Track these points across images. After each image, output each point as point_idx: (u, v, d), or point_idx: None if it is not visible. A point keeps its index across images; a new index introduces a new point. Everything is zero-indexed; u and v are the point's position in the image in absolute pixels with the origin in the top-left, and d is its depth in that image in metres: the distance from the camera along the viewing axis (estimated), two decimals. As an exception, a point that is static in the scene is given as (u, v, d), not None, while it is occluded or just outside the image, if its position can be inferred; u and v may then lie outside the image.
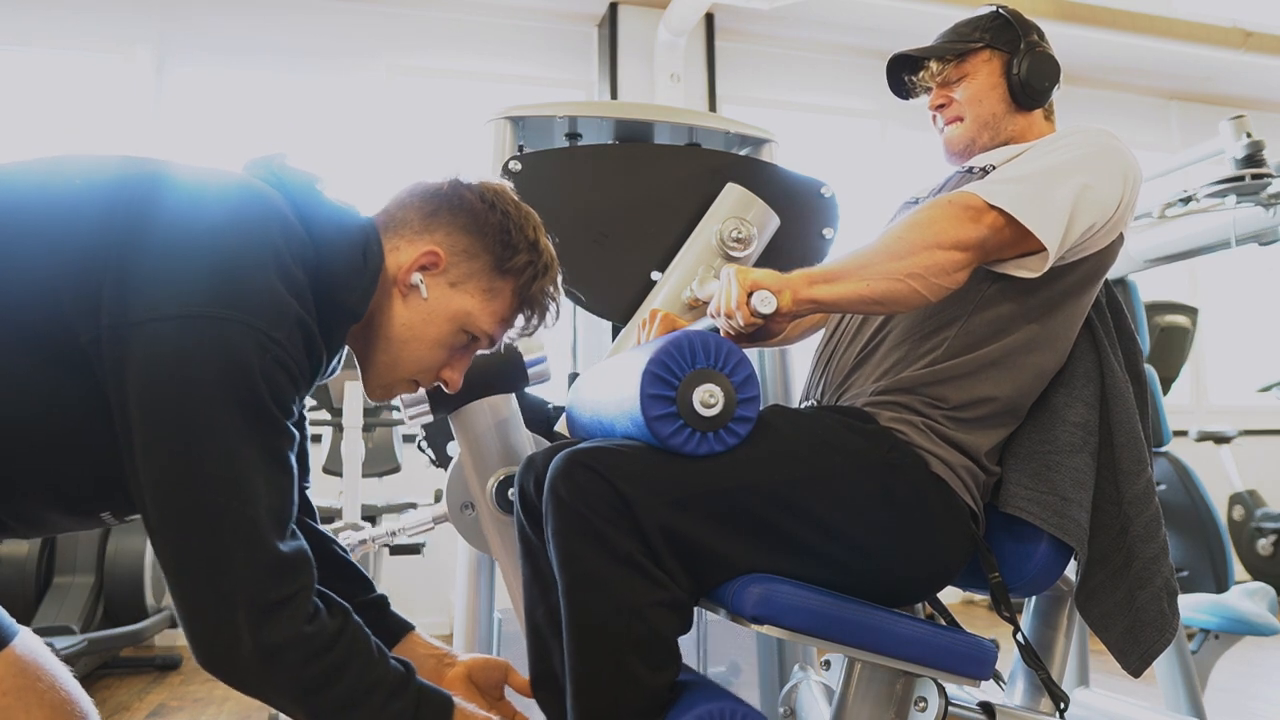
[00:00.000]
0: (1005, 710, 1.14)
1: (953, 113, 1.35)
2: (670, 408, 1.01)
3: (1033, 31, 1.35)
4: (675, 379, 1.01)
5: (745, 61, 4.57)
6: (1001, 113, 1.33)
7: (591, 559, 0.98)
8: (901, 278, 1.08)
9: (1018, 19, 1.35)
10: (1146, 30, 4.29)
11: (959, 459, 1.14)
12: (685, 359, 1.02)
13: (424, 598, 3.82)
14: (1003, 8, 1.37)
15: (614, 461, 1.00)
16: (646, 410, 1.01)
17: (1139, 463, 1.20)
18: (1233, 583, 2.23)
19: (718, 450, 1.03)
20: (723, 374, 1.03)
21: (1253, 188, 1.89)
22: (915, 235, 1.10)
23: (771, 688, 1.67)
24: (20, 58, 3.86)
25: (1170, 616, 1.18)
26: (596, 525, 0.97)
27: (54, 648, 0.98)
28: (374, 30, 4.16)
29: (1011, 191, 1.11)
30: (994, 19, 1.35)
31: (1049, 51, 1.34)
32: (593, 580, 0.98)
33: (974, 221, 1.10)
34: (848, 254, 1.13)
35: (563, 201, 1.53)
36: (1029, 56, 1.31)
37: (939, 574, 1.14)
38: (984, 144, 1.33)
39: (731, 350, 1.04)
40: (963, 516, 1.13)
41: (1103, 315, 1.25)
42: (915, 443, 1.13)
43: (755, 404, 1.05)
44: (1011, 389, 1.17)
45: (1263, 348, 5.37)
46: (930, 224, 1.10)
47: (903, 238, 1.10)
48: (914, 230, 1.10)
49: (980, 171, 1.25)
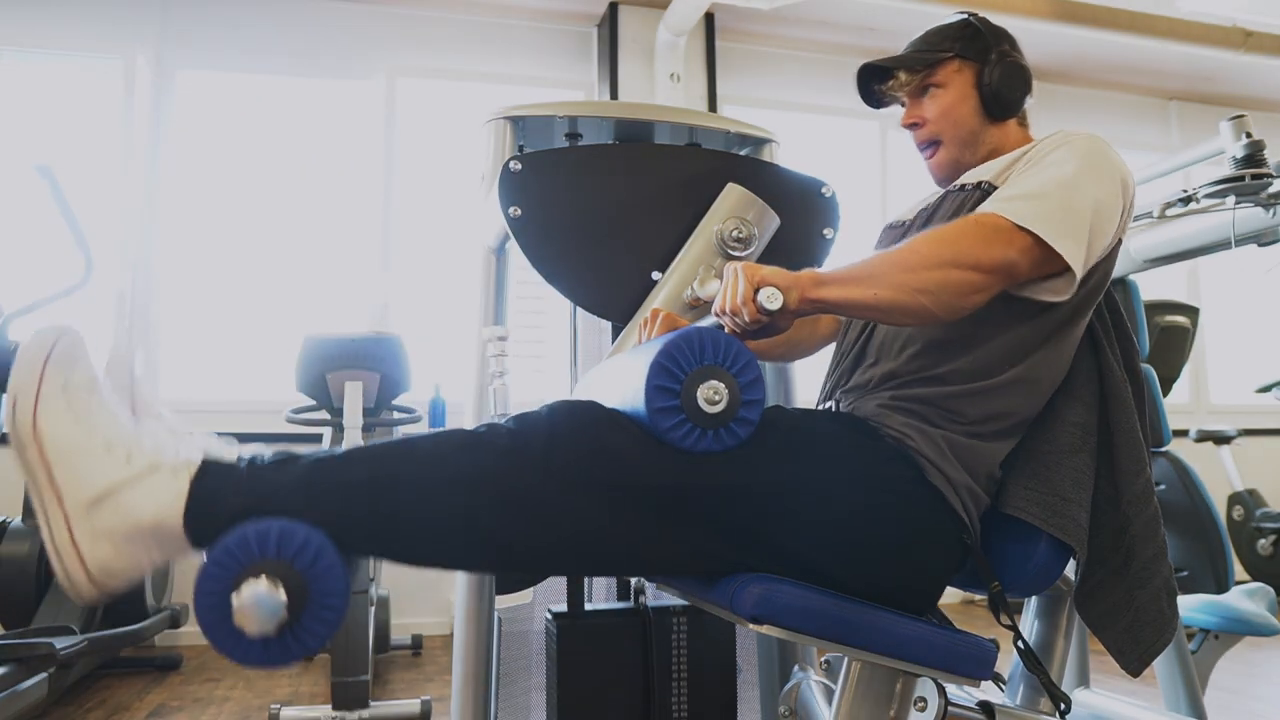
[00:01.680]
0: (1005, 710, 1.14)
1: (927, 134, 1.34)
2: (674, 401, 1.01)
3: (1004, 40, 1.33)
4: (681, 373, 1.01)
5: (745, 61, 4.57)
6: (977, 126, 1.32)
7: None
8: (911, 291, 1.06)
9: (988, 27, 1.33)
10: (1146, 30, 4.29)
11: (962, 477, 1.13)
12: (693, 354, 1.02)
13: (424, 598, 3.82)
14: (973, 15, 1.35)
15: (620, 421, 1.02)
16: (650, 402, 1.00)
17: (1138, 462, 1.20)
18: (1233, 583, 2.22)
19: (716, 449, 1.02)
20: (729, 372, 1.02)
21: (1253, 188, 1.88)
22: (933, 250, 1.08)
23: (771, 688, 1.67)
24: (20, 58, 3.86)
25: (1170, 616, 1.18)
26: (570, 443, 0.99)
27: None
28: (374, 31, 4.16)
29: (1035, 211, 1.09)
30: (964, 28, 1.33)
31: (1020, 61, 1.32)
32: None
33: (1003, 244, 1.08)
34: (862, 259, 1.12)
35: (563, 201, 1.53)
36: (1000, 66, 1.30)
37: (929, 587, 1.13)
38: (969, 162, 1.33)
39: (740, 349, 1.03)
40: (954, 529, 1.12)
41: (1101, 315, 1.25)
42: (921, 450, 1.12)
43: (759, 405, 1.04)
44: (1026, 403, 1.18)
45: (1263, 348, 5.37)
46: (952, 241, 1.08)
47: (919, 251, 1.08)
48: (933, 245, 1.08)
49: (975, 189, 1.24)
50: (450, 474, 0.97)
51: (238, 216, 3.98)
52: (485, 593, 1.55)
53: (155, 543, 0.95)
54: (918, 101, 1.35)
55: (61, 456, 0.95)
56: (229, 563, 0.91)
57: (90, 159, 3.84)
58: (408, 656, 3.47)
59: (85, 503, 0.94)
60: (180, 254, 3.92)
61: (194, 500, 0.95)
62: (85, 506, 0.94)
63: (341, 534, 0.95)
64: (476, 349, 1.61)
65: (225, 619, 0.90)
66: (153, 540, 0.95)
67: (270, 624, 0.90)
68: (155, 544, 0.95)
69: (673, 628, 1.53)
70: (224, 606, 0.90)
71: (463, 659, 1.53)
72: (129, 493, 0.94)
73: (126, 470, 0.95)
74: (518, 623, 1.77)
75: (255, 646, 0.91)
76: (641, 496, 1.00)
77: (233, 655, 0.92)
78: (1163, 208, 2.08)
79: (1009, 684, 1.32)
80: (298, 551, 0.92)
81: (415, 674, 3.16)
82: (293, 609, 0.91)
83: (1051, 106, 5.00)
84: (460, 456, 0.98)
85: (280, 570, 0.91)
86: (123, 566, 0.95)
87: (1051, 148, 1.20)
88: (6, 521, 3.11)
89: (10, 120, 3.82)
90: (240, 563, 0.91)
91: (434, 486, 0.97)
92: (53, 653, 2.40)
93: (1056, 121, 1.38)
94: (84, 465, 0.95)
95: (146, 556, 0.96)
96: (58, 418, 0.96)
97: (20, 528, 3.08)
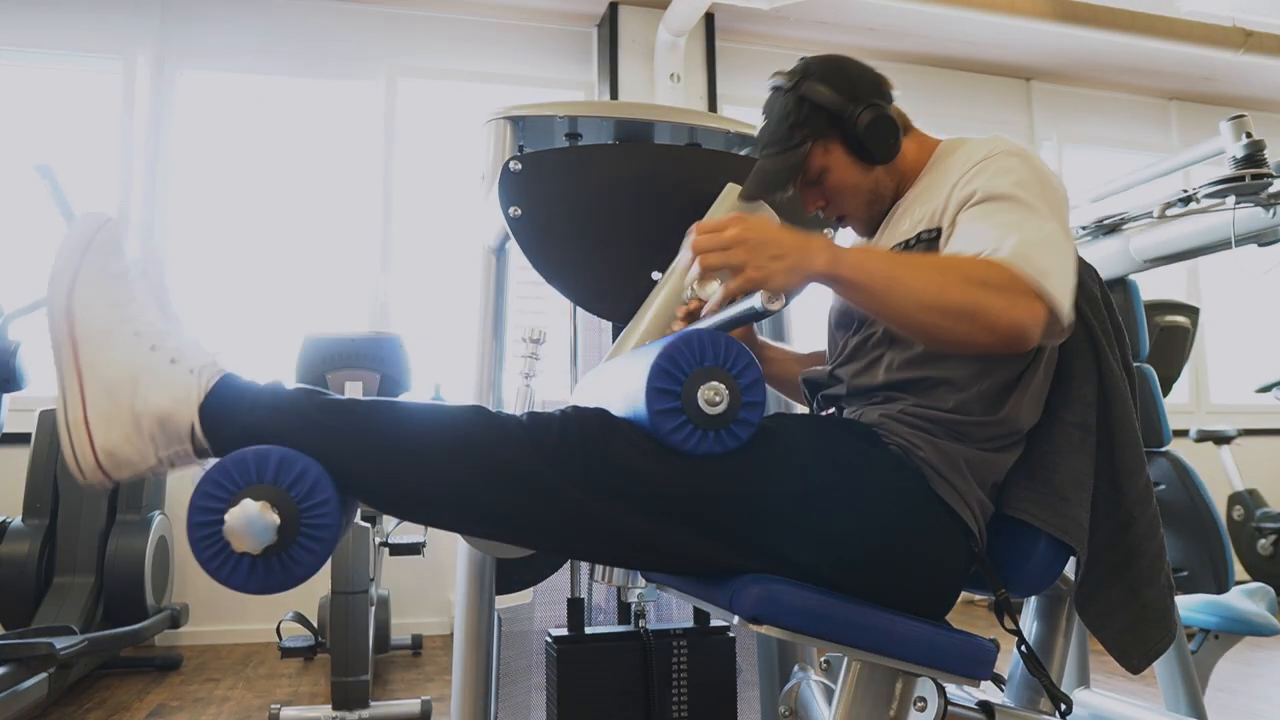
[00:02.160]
0: (1005, 710, 1.14)
1: (835, 212, 1.33)
2: (675, 403, 1.01)
3: (839, 91, 1.25)
4: (682, 374, 1.01)
5: (745, 61, 4.57)
6: (871, 182, 1.29)
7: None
8: (918, 324, 1.03)
9: (817, 96, 1.25)
10: (1146, 30, 4.29)
11: (972, 489, 1.13)
12: (694, 355, 1.02)
13: (424, 598, 3.82)
14: (798, 88, 1.26)
15: (628, 428, 1.02)
16: (650, 404, 1.00)
17: (1139, 461, 1.20)
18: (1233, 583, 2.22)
19: (717, 451, 1.02)
20: (730, 374, 1.02)
21: (1253, 188, 1.88)
22: (960, 292, 1.01)
23: (771, 688, 1.67)
24: (20, 58, 3.86)
25: (1174, 615, 1.18)
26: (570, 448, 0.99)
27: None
28: (373, 31, 4.16)
29: (1044, 267, 1.04)
30: (799, 107, 1.25)
31: (875, 108, 1.24)
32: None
33: (1024, 310, 1.01)
34: (882, 255, 1.09)
35: (563, 201, 1.53)
36: (859, 124, 1.24)
37: (941, 595, 1.13)
38: (881, 211, 1.32)
39: (741, 351, 1.03)
40: (963, 538, 1.12)
41: (1099, 313, 1.25)
42: (930, 460, 1.12)
43: (760, 407, 1.04)
44: (1029, 415, 1.19)
45: (1263, 348, 5.37)
46: (979, 285, 1.01)
47: (946, 286, 1.01)
48: (960, 286, 1.01)
49: (917, 241, 1.21)
50: (460, 446, 0.99)
51: (238, 216, 3.98)
52: (485, 593, 1.55)
53: (164, 438, 0.97)
54: (810, 190, 1.33)
55: (89, 336, 0.98)
56: (226, 482, 0.93)
57: (90, 159, 3.84)
58: (408, 656, 3.47)
59: (104, 382, 0.97)
60: (180, 254, 3.92)
61: (208, 403, 0.98)
62: (104, 387, 0.97)
63: (345, 477, 0.97)
64: (476, 349, 1.61)
65: (215, 536, 0.92)
66: (160, 435, 0.97)
67: (257, 547, 0.92)
68: (163, 439, 0.97)
69: (673, 651, 1.53)
70: (215, 524, 0.92)
71: (463, 659, 1.53)
72: (147, 378, 0.97)
73: (149, 358, 0.98)
74: (518, 623, 1.77)
75: (241, 568, 0.93)
76: (652, 504, 1.01)
77: (218, 574, 0.94)
78: (1163, 208, 2.08)
79: (1009, 684, 1.32)
80: (295, 480, 0.94)
81: (415, 674, 3.17)
82: (283, 535, 0.93)
83: (1052, 106, 5.01)
84: (476, 431, 1.00)
85: (274, 496, 0.93)
86: (128, 455, 0.97)
87: (1002, 170, 1.15)
88: (6, 521, 3.11)
89: (10, 120, 3.82)
90: (237, 484, 0.93)
91: (442, 455, 0.98)
92: (53, 653, 2.40)
93: (1058, 121, 1.37)
94: (110, 347, 0.98)
95: (153, 451, 0.98)
96: (91, 300, 0.99)
97: (20, 527, 3.08)
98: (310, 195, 4.07)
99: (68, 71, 3.93)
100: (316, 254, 4.05)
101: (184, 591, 3.57)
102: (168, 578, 3.36)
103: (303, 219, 4.05)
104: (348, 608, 2.45)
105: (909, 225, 1.25)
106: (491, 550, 1.50)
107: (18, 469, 3.21)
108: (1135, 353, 2.22)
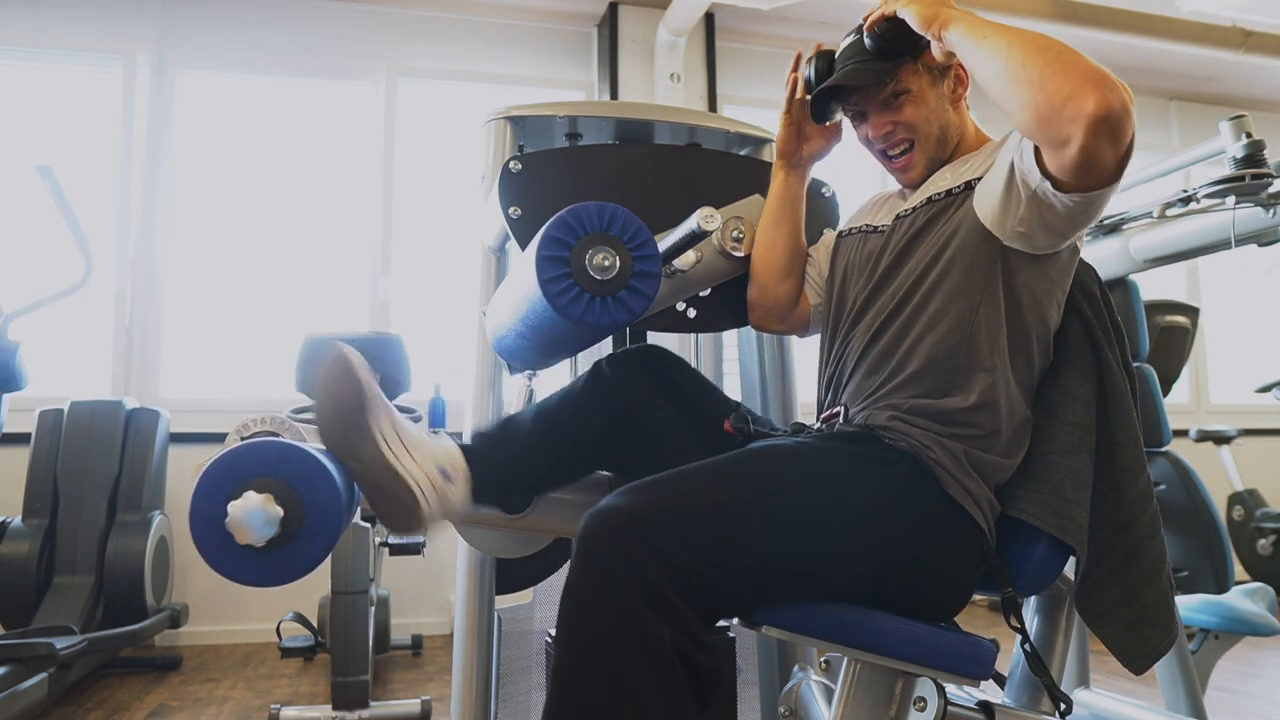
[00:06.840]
0: (1005, 710, 1.14)
1: (903, 136, 1.31)
2: (564, 269, 1.01)
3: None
4: (572, 238, 1.02)
5: (745, 61, 4.57)
6: (947, 119, 1.31)
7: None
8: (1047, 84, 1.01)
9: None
10: (1146, 30, 4.28)
11: (981, 489, 1.14)
12: (579, 225, 1.03)
13: (424, 598, 3.82)
14: (885, 15, 1.28)
15: (658, 522, 0.94)
16: (541, 274, 1.01)
17: (1139, 460, 1.20)
18: (1233, 583, 2.22)
19: (619, 320, 1.02)
20: (619, 239, 1.03)
21: (1253, 188, 1.88)
22: (1077, 64, 1.01)
23: (771, 688, 1.67)
24: (20, 58, 3.86)
25: (1175, 615, 1.18)
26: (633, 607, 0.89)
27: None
28: (373, 31, 4.16)
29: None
30: (899, 30, 1.27)
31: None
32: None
33: (1127, 97, 0.99)
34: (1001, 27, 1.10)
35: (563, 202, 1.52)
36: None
37: (957, 597, 1.14)
38: (941, 157, 1.32)
39: (629, 218, 1.05)
40: (975, 540, 1.13)
41: (1099, 311, 1.25)
42: (940, 461, 1.12)
43: (654, 278, 1.04)
44: (1027, 412, 1.20)
45: (1263, 348, 5.37)
46: (1091, 69, 1.00)
47: (1066, 53, 1.02)
48: (1072, 54, 1.02)
49: (965, 188, 1.22)
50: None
51: (238, 216, 3.98)
52: (485, 593, 1.55)
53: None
54: (886, 110, 1.32)
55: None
56: (229, 476, 0.95)
57: (90, 159, 3.84)
58: (408, 656, 3.47)
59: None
60: (180, 254, 3.92)
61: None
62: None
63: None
64: (476, 349, 1.61)
65: (218, 528, 0.94)
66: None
67: (260, 539, 0.92)
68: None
69: None
70: (219, 516, 0.94)
71: (463, 659, 1.53)
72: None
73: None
74: (518, 623, 1.77)
75: (243, 558, 0.95)
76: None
77: (218, 565, 0.95)
78: (1163, 208, 2.08)
79: (1009, 684, 1.32)
80: (299, 474, 0.96)
81: (415, 674, 3.16)
82: (286, 527, 0.95)
83: (1051, 106, 4.95)
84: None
85: (278, 489, 0.94)
86: None
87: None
88: (6, 521, 3.11)
89: (10, 121, 3.82)
90: (240, 477, 0.95)
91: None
92: (53, 653, 2.40)
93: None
94: None
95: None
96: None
97: (20, 527, 3.08)
98: (310, 195, 4.07)
99: (68, 71, 3.92)
100: (317, 254, 4.05)
101: (184, 591, 3.57)
102: (167, 578, 3.36)
103: (303, 219, 4.05)
104: (348, 608, 2.45)
105: (950, 179, 1.26)
106: (492, 550, 1.50)
107: (18, 469, 3.21)
108: (1135, 353, 2.22)
